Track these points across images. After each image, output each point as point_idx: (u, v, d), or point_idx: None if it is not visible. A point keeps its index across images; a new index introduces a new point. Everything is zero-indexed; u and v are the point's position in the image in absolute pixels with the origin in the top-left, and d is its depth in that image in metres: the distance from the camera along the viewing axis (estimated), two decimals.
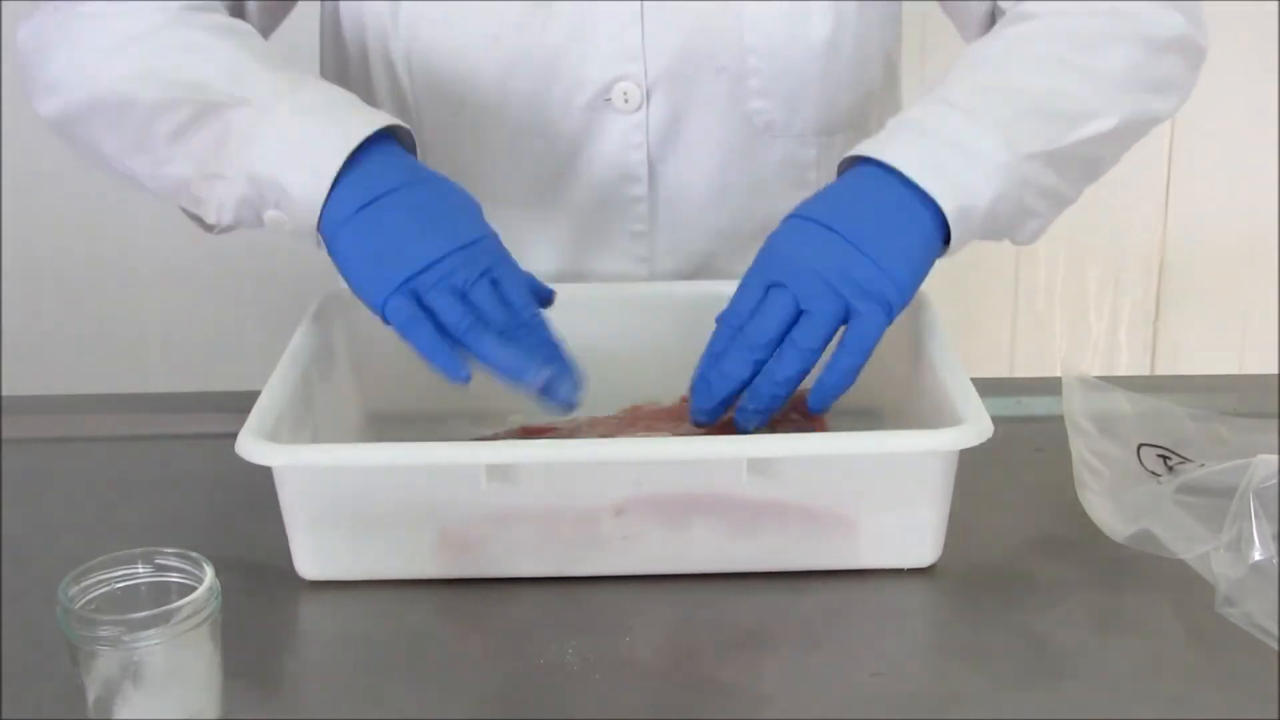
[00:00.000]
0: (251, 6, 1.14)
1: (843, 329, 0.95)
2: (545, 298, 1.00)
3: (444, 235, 0.95)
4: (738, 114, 1.13)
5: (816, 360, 0.94)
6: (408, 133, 1.00)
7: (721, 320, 0.97)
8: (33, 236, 1.98)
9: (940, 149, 0.98)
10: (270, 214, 0.99)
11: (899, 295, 0.95)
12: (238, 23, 1.06)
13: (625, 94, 1.11)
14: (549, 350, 0.94)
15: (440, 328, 0.92)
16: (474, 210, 0.98)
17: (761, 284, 0.96)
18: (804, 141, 1.15)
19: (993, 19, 1.14)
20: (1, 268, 1.98)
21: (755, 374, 0.94)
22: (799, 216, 0.98)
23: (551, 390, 0.93)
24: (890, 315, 0.95)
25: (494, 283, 0.95)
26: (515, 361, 0.92)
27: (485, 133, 1.12)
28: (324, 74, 1.20)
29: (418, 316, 0.93)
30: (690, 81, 1.12)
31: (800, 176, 1.16)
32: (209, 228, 1.07)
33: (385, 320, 0.94)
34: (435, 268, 0.93)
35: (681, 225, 1.16)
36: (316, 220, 0.96)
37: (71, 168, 1.08)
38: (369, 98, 1.14)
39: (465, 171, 1.13)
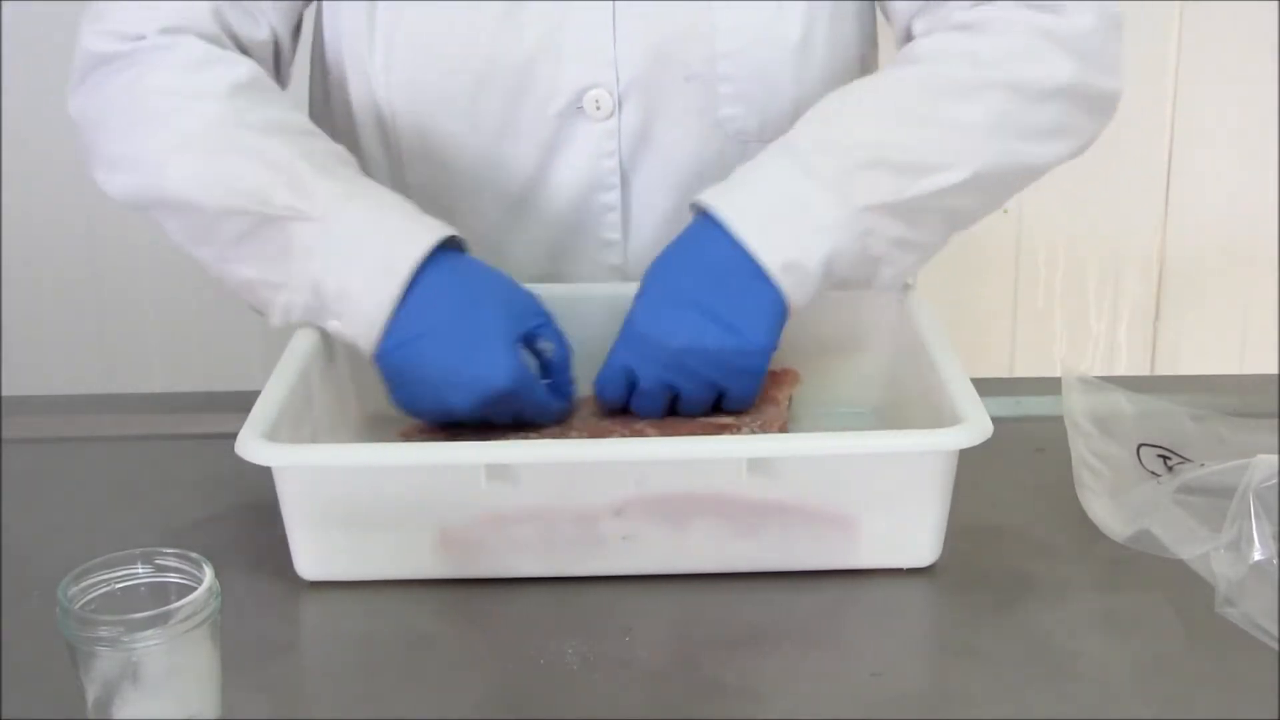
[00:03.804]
0: (285, 46, 1.14)
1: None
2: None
3: (471, 391, 0.97)
4: (709, 121, 1.13)
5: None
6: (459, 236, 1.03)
7: (601, 397, 1.02)
8: (33, 236, 1.98)
9: (773, 204, 1.01)
10: (333, 324, 1.01)
11: (761, 360, 1.00)
12: (290, 116, 1.06)
13: (597, 101, 1.11)
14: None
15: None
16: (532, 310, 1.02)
17: (625, 367, 1.00)
18: None
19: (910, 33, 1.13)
20: (1, 268, 1.98)
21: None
22: (653, 290, 1.02)
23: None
24: (759, 379, 1.00)
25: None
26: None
27: (460, 141, 1.12)
28: (312, 89, 1.21)
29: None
30: (662, 89, 1.12)
31: None
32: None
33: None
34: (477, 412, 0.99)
35: (653, 233, 1.16)
36: (377, 336, 0.99)
37: (72, 168, 1.08)
38: (347, 109, 1.15)
39: (440, 180, 1.14)
